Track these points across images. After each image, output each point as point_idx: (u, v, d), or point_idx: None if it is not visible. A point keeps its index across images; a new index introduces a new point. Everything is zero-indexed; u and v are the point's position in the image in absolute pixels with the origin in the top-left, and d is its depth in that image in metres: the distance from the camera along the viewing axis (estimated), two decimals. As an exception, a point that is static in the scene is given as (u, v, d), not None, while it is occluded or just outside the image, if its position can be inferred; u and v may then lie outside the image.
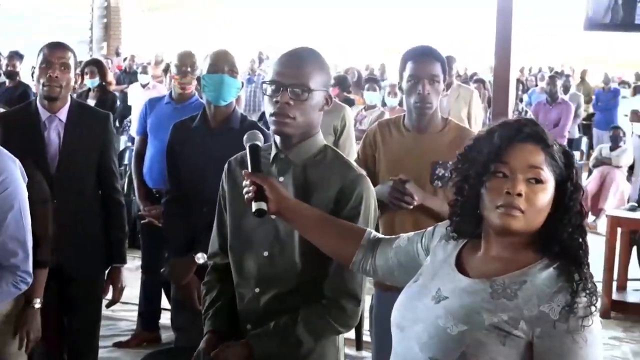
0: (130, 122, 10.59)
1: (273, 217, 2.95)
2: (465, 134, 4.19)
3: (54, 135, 4.59)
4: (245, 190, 2.86)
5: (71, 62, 4.62)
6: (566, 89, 16.94)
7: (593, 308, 2.32)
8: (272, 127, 3.08)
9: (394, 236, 2.87)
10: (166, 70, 8.88)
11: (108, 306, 4.98)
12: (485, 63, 20.59)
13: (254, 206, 2.81)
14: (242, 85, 4.90)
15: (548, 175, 2.41)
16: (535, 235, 2.45)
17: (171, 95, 6.15)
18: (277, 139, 3.10)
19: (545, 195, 2.40)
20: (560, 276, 2.38)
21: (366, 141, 4.45)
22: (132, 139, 8.69)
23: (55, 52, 4.56)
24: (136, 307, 6.55)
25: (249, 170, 2.89)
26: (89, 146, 4.69)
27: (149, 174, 5.96)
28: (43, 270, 3.90)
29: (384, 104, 11.75)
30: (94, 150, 4.69)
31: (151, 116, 6.12)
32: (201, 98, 5.49)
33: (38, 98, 4.64)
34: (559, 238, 2.42)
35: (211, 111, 4.78)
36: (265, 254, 3.15)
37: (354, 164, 3.28)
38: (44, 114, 4.58)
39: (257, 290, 3.17)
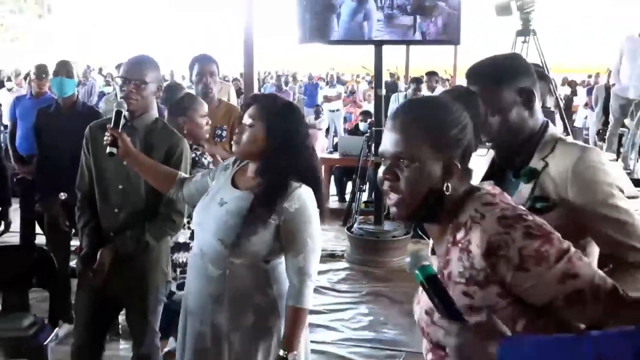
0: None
1: (125, 163, 2.91)
2: (233, 108, 4.43)
3: None
4: (105, 138, 2.78)
5: None
6: (287, 84, 17.15)
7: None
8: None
9: (193, 175, 2.88)
10: (26, 77, 8.45)
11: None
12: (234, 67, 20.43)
13: (108, 149, 2.76)
14: (79, 84, 4.83)
15: (257, 122, 2.48)
16: (264, 161, 2.49)
17: (31, 93, 5.89)
18: (126, 113, 3.01)
19: (251, 133, 2.48)
20: (270, 186, 2.45)
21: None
22: (4, 126, 8.19)
23: None
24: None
25: (112, 125, 2.79)
26: None
27: (20, 145, 5.69)
28: None
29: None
30: None
31: (18, 107, 5.86)
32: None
33: None
34: (268, 161, 2.48)
35: (60, 100, 4.72)
36: (120, 187, 3.10)
37: (176, 131, 3.27)
38: None
39: (116, 210, 3.11)
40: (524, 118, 1.96)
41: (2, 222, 4.72)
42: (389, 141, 1.57)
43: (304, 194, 2.48)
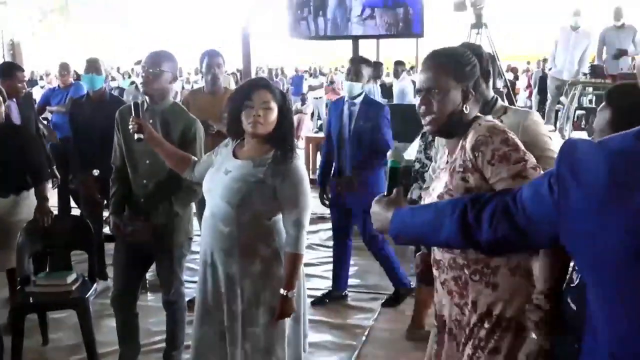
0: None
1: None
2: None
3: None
4: (131, 126, 2.78)
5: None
6: (277, 76, 16.94)
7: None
8: (142, 90, 3.07)
9: (202, 157, 2.86)
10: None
11: None
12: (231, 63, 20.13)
13: (136, 136, 2.77)
14: (106, 79, 4.77)
15: (274, 105, 2.49)
16: (270, 136, 2.51)
17: (59, 86, 6.00)
18: (147, 98, 3.03)
19: (273, 114, 2.48)
20: (283, 155, 2.48)
21: (184, 102, 4.28)
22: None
23: None
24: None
25: (133, 115, 2.79)
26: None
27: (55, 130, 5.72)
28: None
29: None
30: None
31: (52, 98, 5.94)
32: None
33: None
34: (283, 137, 2.51)
35: (91, 92, 4.58)
36: (147, 162, 3.08)
37: (191, 115, 3.21)
38: None
39: (144, 181, 3.11)
40: (484, 89, 2.17)
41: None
42: (423, 79, 1.80)
43: (295, 159, 2.54)
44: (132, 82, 6.31)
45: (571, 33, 8.37)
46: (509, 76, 15.76)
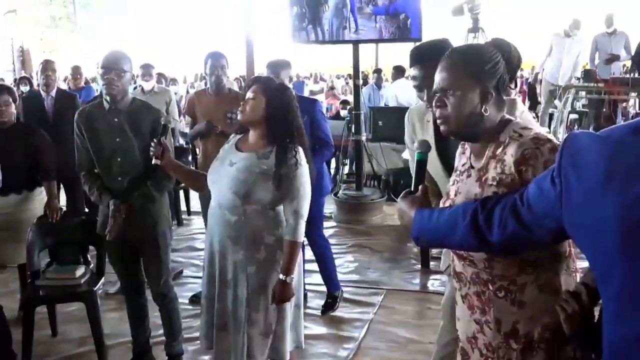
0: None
1: (118, 139, 2.92)
2: (240, 95, 3.92)
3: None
4: (151, 150, 2.71)
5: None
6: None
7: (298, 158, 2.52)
8: (104, 91, 3.01)
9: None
10: (65, 79, 8.52)
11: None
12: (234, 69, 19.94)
13: (154, 160, 2.71)
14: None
15: (260, 96, 2.53)
16: (267, 130, 2.54)
17: (69, 87, 6.12)
18: (109, 98, 3.00)
19: (254, 103, 2.54)
20: (284, 148, 2.51)
21: (189, 102, 4.29)
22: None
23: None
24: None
25: (160, 138, 2.73)
26: None
27: None
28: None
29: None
30: None
31: None
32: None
33: None
34: (279, 130, 2.53)
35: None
36: (119, 159, 3.03)
37: (154, 107, 3.18)
38: None
39: (119, 179, 3.06)
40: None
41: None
42: (438, 79, 1.63)
43: (296, 152, 2.55)
44: (135, 87, 6.16)
45: (565, 39, 8.38)
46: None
